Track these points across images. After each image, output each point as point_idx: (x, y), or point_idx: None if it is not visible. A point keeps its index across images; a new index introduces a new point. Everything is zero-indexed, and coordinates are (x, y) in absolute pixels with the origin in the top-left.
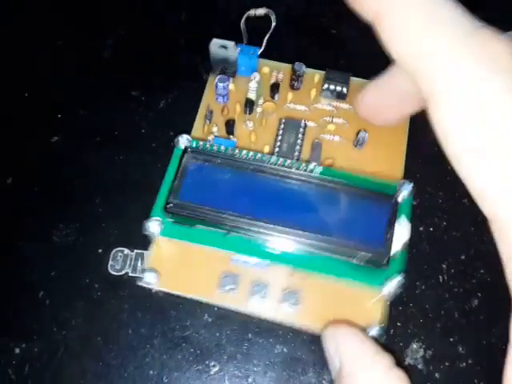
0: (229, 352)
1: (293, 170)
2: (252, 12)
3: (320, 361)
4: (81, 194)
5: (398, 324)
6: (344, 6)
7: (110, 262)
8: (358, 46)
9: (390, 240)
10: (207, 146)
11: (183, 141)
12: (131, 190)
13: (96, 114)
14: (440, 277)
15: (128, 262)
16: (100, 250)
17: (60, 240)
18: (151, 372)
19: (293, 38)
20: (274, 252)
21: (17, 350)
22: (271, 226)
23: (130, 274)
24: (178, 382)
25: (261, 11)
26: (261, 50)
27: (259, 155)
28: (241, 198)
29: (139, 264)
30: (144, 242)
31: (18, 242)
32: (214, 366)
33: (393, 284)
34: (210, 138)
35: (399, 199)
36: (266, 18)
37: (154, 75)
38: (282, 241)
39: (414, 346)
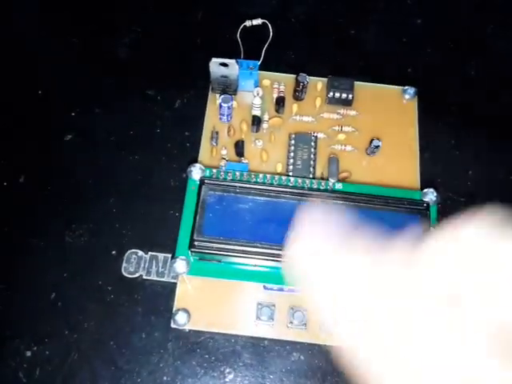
0: (244, 359)
1: (314, 192)
2: (248, 23)
3: (337, 369)
4: (94, 193)
5: None
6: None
7: (124, 264)
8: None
9: None
10: (221, 173)
11: (196, 171)
12: (146, 190)
13: (111, 113)
14: None
15: (142, 265)
16: (113, 252)
17: (73, 241)
18: (165, 378)
19: (287, 47)
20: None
21: (28, 353)
22: None
23: (144, 277)
24: None
25: (257, 21)
26: (259, 63)
27: (277, 178)
28: (266, 225)
29: (153, 266)
30: (159, 245)
31: (29, 243)
32: (229, 372)
33: None
34: (222, 163)
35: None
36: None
37: (169, 74)
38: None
39: None
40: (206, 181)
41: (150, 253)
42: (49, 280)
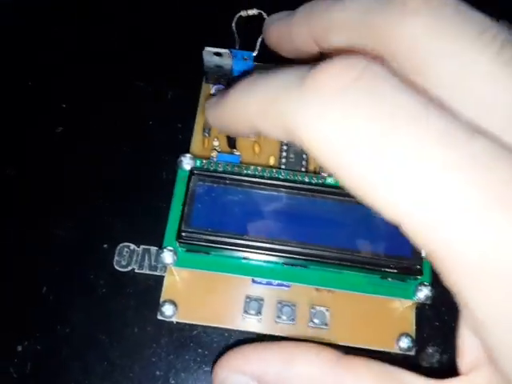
0: None
1: (305, 185)
2: (243, 13)
3: None
4: (85, 186)
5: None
6: None
7: (116, 258)
8: None
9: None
10: (212, 164)
11: (187, 161)
12: (137, 183)
13: (101, 105)
14: None
15: (134, 258)
16: (105, 245)
17: (64, 234)
18: (157, 372)
19: None
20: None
21: (19, 348)
22: (292, 244)
23: (137, 271)
24: None
25: (252, 12)
26: (255, 54)
27: (268, 171)
28: (256, 218)
29: (146, 260)
30: (151, 238)
31: (18, 236)
32: None
33: (424, 293)
34: (214, 154)
35: None
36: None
37: (161, 65)
38: (305, 260)
39: (430, 350)
40: (195, 171)
41: (142, 246)
42: (40, 274)
